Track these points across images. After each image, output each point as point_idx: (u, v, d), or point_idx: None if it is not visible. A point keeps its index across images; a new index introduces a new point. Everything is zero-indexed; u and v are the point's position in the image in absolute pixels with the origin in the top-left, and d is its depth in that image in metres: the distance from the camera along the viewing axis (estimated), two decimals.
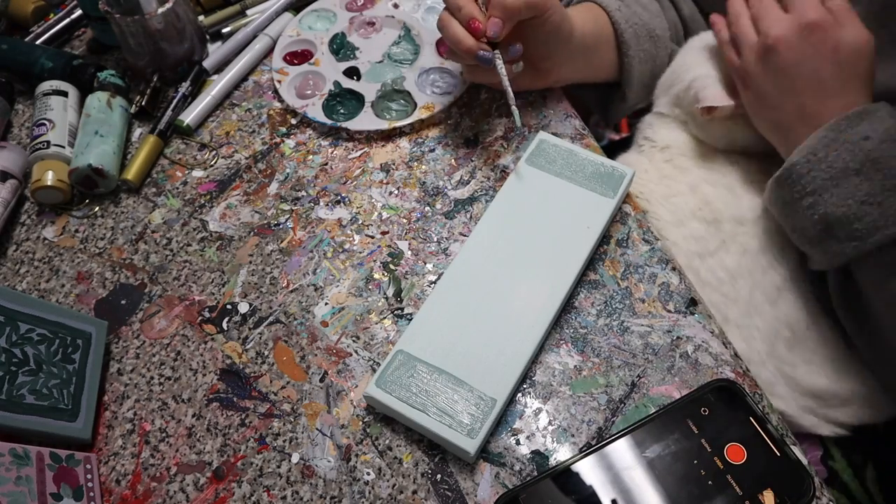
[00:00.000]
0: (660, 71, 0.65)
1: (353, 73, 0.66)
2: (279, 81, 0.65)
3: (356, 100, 0.64)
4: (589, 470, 0.41)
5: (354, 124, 0.61)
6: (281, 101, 0.66)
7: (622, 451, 0.42)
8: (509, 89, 0.54)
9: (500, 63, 0.54)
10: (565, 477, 0.41)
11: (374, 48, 0.69)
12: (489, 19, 0.52)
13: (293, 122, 0.65)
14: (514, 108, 0.53)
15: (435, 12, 0.70)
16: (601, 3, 0.63)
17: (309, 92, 0.65)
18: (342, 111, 0.64)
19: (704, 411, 0.43)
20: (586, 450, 0.43)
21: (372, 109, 0.63)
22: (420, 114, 0.61)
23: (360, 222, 0.57)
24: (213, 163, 0.62)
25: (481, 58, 0.53)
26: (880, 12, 0.50)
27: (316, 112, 0.63)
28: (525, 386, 0.48)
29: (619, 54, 0.64)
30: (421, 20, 0.70)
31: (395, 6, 0.71)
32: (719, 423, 0.42)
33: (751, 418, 0.42)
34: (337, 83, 0.65)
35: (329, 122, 0.62)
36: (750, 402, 0.43)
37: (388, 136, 0.62)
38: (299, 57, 0.68)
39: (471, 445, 0.43)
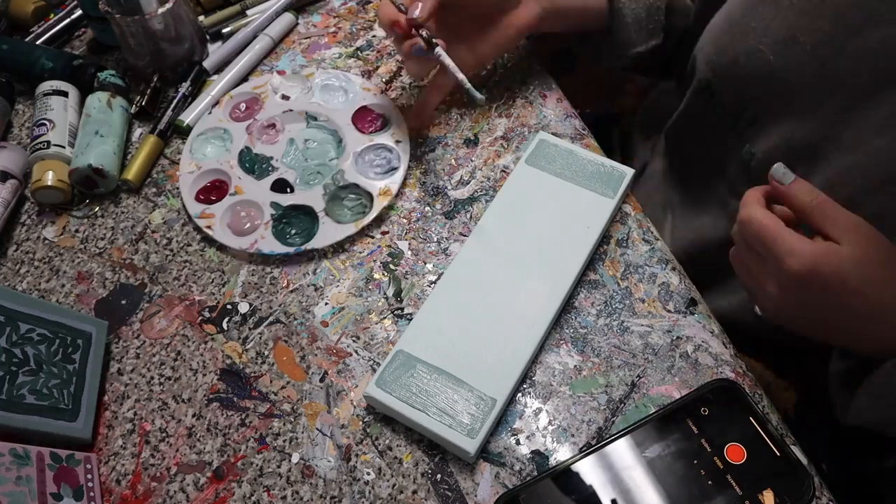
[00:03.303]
0: (656, 10, 0.61)
1: (283, 186, 0.58)
2: (209, 227, 0.55)
3: (305, 213, 0.56)
4: (589, 470, 0.41)
5: (319, 241, 0.54)
6: (221, 248, 0.56)
7: (622, 450, 0.42)
8: (457, 71, 0.50)
9: (440, 51, 0.51)
10: (565, 477, 0.41)
11: (288, 150, 0.61)
12: (410, 2, 0.51)
13: None
14: (467, 86, 0.50)
15: (331, 90, 0.63)
16: None
17: (248, 226, 0.56)
18: (295, 232, 0.56)
19: (704, 411, 0.43)
20: (586, 450, 0.43)
21: (328, 217, 0.56)
22: (381, 201, 0.56)
23: None
24: None
25: (417, 52, 0.51)
26: None
27: (270, 244, 0.54)
28: (525, 386, 0.48)
29: None
30: (322, 103, 0.62)
31: (285, 98, 0.63)
32: (719, 423, 0.42)
33: (751, 418, 0.42)
34: (275, 204, 0.56)
35: (289, 249, 0.54)
36: (750, 402, 0.43)
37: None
38: (215, 191, 0.58)
39: (471, 445, 0.43)
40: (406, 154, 0.58)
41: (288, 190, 0.58)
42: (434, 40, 0.51)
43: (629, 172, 0.54)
